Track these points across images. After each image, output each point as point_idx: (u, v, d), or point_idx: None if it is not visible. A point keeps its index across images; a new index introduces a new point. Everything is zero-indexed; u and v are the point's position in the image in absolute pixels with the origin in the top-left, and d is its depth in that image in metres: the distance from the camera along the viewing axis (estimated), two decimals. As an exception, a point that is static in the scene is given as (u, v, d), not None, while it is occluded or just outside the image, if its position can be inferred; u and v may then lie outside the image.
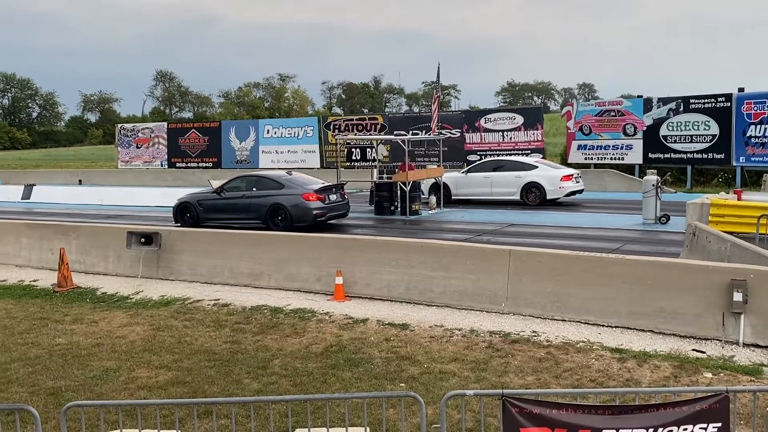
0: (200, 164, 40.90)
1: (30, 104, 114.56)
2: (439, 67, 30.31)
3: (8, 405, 7.99)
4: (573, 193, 23.70)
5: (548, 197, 23.12)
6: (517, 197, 23.34)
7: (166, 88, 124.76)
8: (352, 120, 38.61)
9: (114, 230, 16.24)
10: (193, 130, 42.35)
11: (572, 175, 23.74)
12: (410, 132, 32.30)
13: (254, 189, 19.24)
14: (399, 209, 21.55)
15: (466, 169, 25.52)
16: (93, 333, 11.14)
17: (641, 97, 30.69)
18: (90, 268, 15.68)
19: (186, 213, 20.00)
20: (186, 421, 7.18)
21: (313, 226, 18.09)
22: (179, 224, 19.58)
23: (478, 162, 26.90)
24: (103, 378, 9.08)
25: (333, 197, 19.10)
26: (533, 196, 23.21)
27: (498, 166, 24.29)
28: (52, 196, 30.94)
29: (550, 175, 23.41)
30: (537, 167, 23.86)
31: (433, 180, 23.55)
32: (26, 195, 31.59)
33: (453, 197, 23.72)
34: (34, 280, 15.11)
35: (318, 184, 19.26)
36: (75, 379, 9.09)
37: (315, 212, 18.36)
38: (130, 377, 9.08)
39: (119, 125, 47.48)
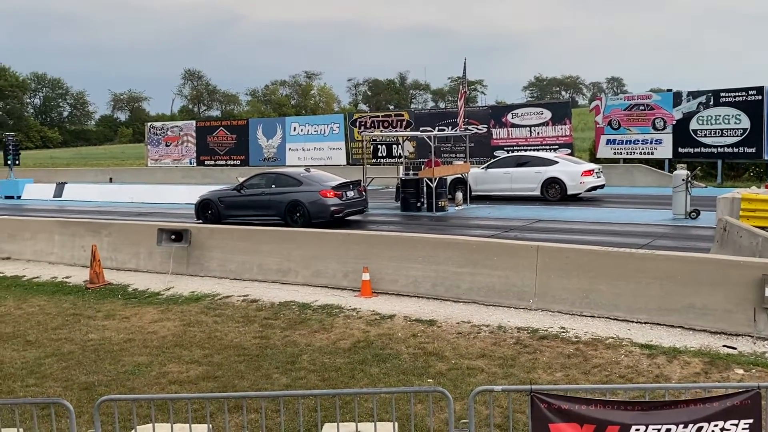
0: (228, 162, 41.19)
1: (61, 103, 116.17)
2: (465, 63, 30.05)
3: (43, 399, 8.17)
4: (594, 188, 23.50)
5: (569, 193, 22.92)
6: (537, 193, 23.17)
7: (195, 86, 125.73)
8: (378, 117, 38.62)
9: (144, 227, 16.45)
10: (221, 128, 42.66)
11: (593, 170, 23.52)
12: (436, 128, 32.21)
13: (273, 186, 19.53)
14: (425, 205, 21.53)
15: (486, 164, 25.35)
16: (125, 329, 11.31)
17: (671, 90, 30.33)
18: (121, 264, 15.90)
19: (207, 210, 20.33)
20: (216, 416, 7.28)
21: (332, 222, 18.27)
22: (201, 221, 19.85)
23: (498, 158, 26.77)
24: (134, 373, 9.22)
25: (350, 194, 19.32)
26: (554, 192, 23.04)
27: (518, 162, 24.13)
28: (84, 194, 31.35)
29: (570, 171, 23.18)
30: (558, 162, 23.66)
31: (453, 177, 23.46)
32: (58, 193, 32.06)
33: (473, 193, 23.59)
34: (67, 277, 15.36)
35: (335, 181, 19.46)
36: (107, 373, 9.25)
37: (332, 208, 18.58)
38: (162, 372, 9.21)
39: (149, 124, 47.97)
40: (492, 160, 26.29)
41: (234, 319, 11.51)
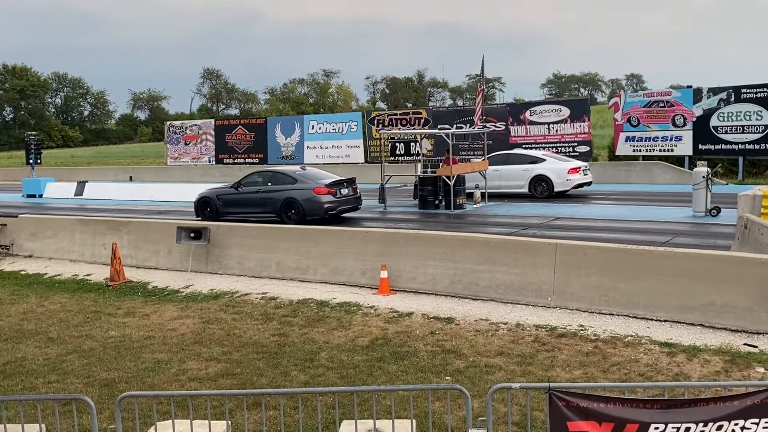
0: (247, 160, 41.35)
1: (81, 103, 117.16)
2: (483, 60, 29.93)
3: (65, 395, 8.26)
4: (581, 185, 23.87)
5: (556, 190, 23.26)
6: (525, 190, 23.54)
7: (213, 85, 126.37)
8: (396, 114, 38.60)
9: (164, 225, 16.57)
10: (240, 126, 42.82)
11: (579, 168, 23.87)
12: (454, 126, 32.16)
13: (269, 184, 19.89)
14: (443, 203, 21.50)
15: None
16: (145, 326, 11.41)
17: (691, 87, 30.02)
18: (141, 262, 16.04)
19: (206, 207, 20.70)
20: (235, 412, 7.32)
21: (327, 219, 18.58)
22: (200, 218, 20.25)
23: (487, 156, 26.77)
24: (154, 370, 9.30)
25: (344, 191, 19.63)
26: (541, 189, 23.41)
27: (506, 160, 24.29)
28: (104, 193, 31.59)
29: (557, 168, 23.55)
30: (545, 160, 24.01)
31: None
32: (79, 191, 32.34)
33: (466, 190, 23.63)
34: (88, 275, 15.52)
35: (329, 179, 19.78)
36: (128, 370, 9.33)
37: (326, 206, 18.90)
38: (181, 369, 9.28)
39: (168, 123, 48.26)
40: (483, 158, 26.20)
41: (253, 317, 11.58)
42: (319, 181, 19.40)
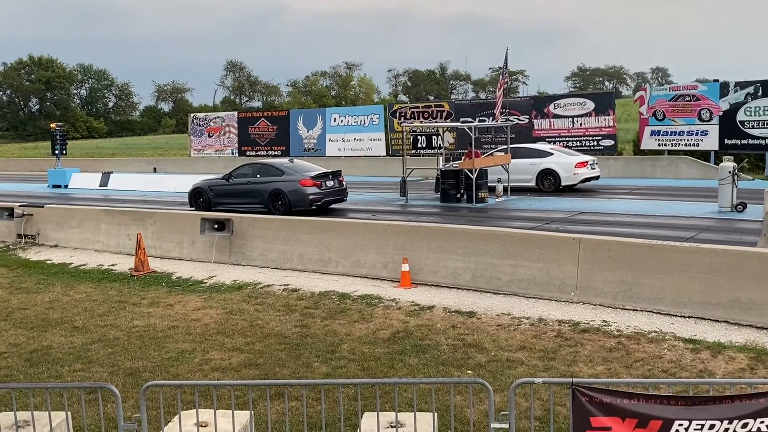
0: (269, 152, 41.46)
1: (106, 94, 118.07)
2: (507, 53, 29.87)
3: (90, 384, 8.38)
4: (588, 179, 23.98)
5: (563, 184, 23.43)
6: (532, 184, 23.67)
7: (236, 77, 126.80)
8: (418, 107, 38.51)
9: (188, 217, 16.70)
10: (263, 119, 42.96)
11: (587, 162, 24.06)
12: (477, 119, 32.01)
13: (258, 176, 20.44)
14: (465, 197, 21.45)
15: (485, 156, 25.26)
16: (169, 316, 11.52)
17: (717, 81, 29.64)
18: (165, 253, 16.17)
19: (199, 198, 21.26)
20: (258, 403, 7.38)
21: (313, 211, 19.02)
22: (194, 208, 20.86)
23: (494, 150, 26.66)
24: (178, 359, 9.39)
25: (330, 183, 20.06)
26: (548, 183, 23.60)
27: (514, 154, 24.24)
28: (129, 184, 31.87)
29: (564, 162, 23.71)
30: (552, 154, 24.18)
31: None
32: (104, 182, 32.65)
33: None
34: (113, 265, 15.68)
35: (315, 171, 20.26)
36: (152, 360, 9.43)
37: (311, 197, 19.36)
38: (204, 359, 9.36)
39: (192, 114, 48.52)
40: (489, 152, 26.11)
41: (275, 308, 11.64)
42: (305, 174, 19.93)
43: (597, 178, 24.42)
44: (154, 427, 6.55)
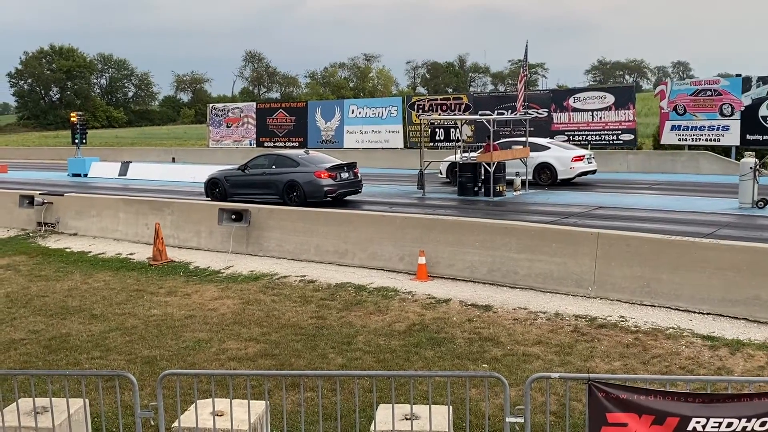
0: (287, 144, 41.53)
1: (126, 84, 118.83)
2: (527, 45, 29.68)
3: (108, 371, 8.45)
4: (585, 173, 24.01)
5: (559, 177, 23.50)
6: (530, 177, 23.57)
7: (255, 68, 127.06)
8: (437, 100, 38.39)
9: (206, 207, 16.77)
10: (281, 110, 43.01)
11: (584, 156, 24.05)
12: (495, 112, 31.85)
13: (274, 167, 20.45)
14: (482, 190, 21.37)
15: (481, 150, 25.11)
16: (186, 305, 11.59)
17: (739, 75, 29.27)
18: (183, 242, 16.26)
19: (215, 188, 21.34)
20: (274, 392, 7.40)
21: (328, 202, 19.01)
22: (209, 198, 20.96)
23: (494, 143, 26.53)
24: (195, 348, 9.45)
25: (345, 175, 20.07)
26: (545, 177, 23.67)
27: (512, 147, 24.09)
28: (147, 173, 32.05)
29: (561, 156, 23.80)
30: (549, 148, 24.22)
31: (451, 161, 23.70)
32: (123, 172, 32.86)
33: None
34: (131, 254, 15.79)
35: (330, 163, 20.25)
36: (169, 348, 9.49)
37: (326, 189, 19.36)
38: (221, 348, 9.41)
39: (211, 105, 48.66)
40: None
41: (291, 299, 11.68)
42: (320, 165, 19.91)
43: (594, 172, 24.51)
44: (170, 415, 6.59)
